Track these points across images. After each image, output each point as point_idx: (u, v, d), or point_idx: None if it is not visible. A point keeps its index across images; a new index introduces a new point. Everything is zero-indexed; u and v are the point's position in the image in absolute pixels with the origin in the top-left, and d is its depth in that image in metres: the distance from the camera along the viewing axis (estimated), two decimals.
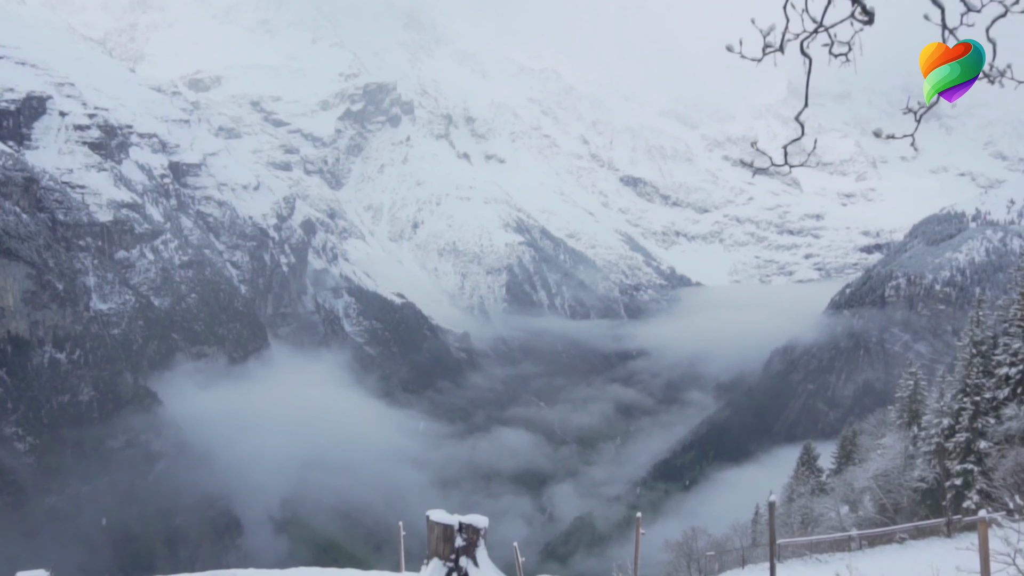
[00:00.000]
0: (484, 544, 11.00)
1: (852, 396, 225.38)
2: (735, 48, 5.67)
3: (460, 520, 10.87)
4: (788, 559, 28.84)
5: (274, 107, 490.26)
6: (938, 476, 38.67)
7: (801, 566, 26.17)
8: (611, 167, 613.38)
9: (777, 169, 6.61)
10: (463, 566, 10.66)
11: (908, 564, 20.69)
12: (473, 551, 10.80)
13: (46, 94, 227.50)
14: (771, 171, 6.42)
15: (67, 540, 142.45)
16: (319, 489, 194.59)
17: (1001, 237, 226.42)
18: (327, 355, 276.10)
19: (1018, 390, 37.12)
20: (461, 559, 10.70)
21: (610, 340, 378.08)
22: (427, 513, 11.10)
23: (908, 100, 5.86)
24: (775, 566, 21.26)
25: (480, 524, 10.89)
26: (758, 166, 6.69)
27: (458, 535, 10.78)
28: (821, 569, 22.67)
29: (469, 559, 10.73)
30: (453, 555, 10.73)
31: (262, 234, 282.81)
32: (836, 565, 22.79)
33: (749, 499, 72.84)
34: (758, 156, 6.65)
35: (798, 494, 56.30)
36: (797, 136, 6.26)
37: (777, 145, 6.55)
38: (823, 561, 25.97)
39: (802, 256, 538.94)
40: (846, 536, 30.57)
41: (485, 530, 10.96)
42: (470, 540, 10.80)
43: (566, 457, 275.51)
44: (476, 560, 10.75)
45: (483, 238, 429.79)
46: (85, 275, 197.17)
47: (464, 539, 10.78)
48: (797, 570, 25.41)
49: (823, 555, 28.25)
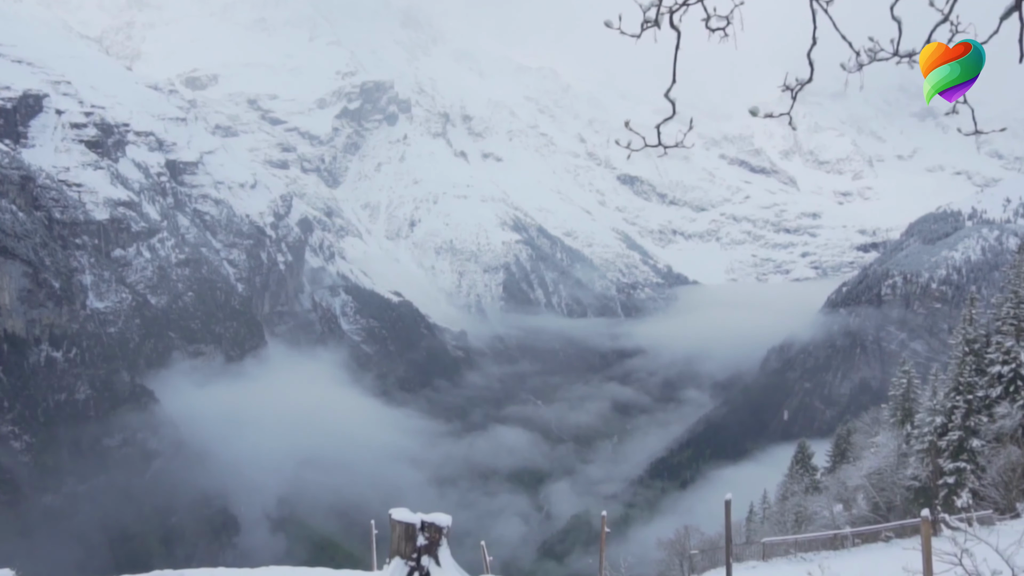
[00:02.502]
0: (447, 543, 10.79)
1: (848, 394, 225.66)
2: (613, 24, 5.66)
3: (423, 519, 10.66)
4: (773, 558, 28.96)
5: (271, 105, 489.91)
6: (931, 474, 38.82)
7: (786, 565, 26.31)
8: (608, 165, 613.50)
9: (652, 149, 6.67)
10: (425, 565, 10.53)
11: (887, 563, 20.78)
12: (435, 550, 10.62)
13: (42, 92, 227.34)
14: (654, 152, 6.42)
15: (63, 539, 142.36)
16: (316, 487, 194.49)
17: (997, 235, 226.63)
18: (324, 353, 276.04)
19: (1010, 388, 37.24)
20: (423, 558, 10.55)
21: (607, 338, 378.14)
22: (390, 511, 10.94)
23: (786, 77, 5.88)
24: (731, 566, 21.37)
25: (442, 523, 10.70)
26: (634, 147, 6.73)
27: (420, 534, 10.62)
28: (805, 568, 22.81)
29: (431, 558, 10.59)
30: (415, 554, 10.58)
31: (259, 232, 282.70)
32: (820, 563, 22.89)
33: (746, 497, 72.88)
34: (635, 137, 6.68)
35: (792, 492, 56.47)
36: (669, 115, 6.30)
37: (774, 143, 6.66)
38: (808, 560, 26.08)
39: (799, 255, 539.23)
40: (831, 535, 30.71)
41: (448, 528, 10.74)
42: (432, 539, 10.63)
43: (563, 455, 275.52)
44: (438, 559, 10.58)
45: (480, 236, 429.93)
46: (81, 273, 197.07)
47: (426, 538, 10.62)
48: (782, 569, 25.53)
49: (808, 553, 28.38)
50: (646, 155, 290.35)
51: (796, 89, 5.95)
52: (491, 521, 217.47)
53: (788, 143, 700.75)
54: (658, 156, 7.08)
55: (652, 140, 6.61)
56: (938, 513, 25.07)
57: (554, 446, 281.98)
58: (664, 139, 6.38)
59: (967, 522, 9.56)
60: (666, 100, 6.19)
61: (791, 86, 5.94)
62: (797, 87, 5.92)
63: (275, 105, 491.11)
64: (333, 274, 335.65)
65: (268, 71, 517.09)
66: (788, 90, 5.98)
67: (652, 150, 6.63)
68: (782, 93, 6.03)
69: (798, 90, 5.97)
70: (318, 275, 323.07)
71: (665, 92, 6.22)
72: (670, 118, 6.25)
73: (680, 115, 6.33)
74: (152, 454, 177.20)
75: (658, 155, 7.78)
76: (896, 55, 5.75)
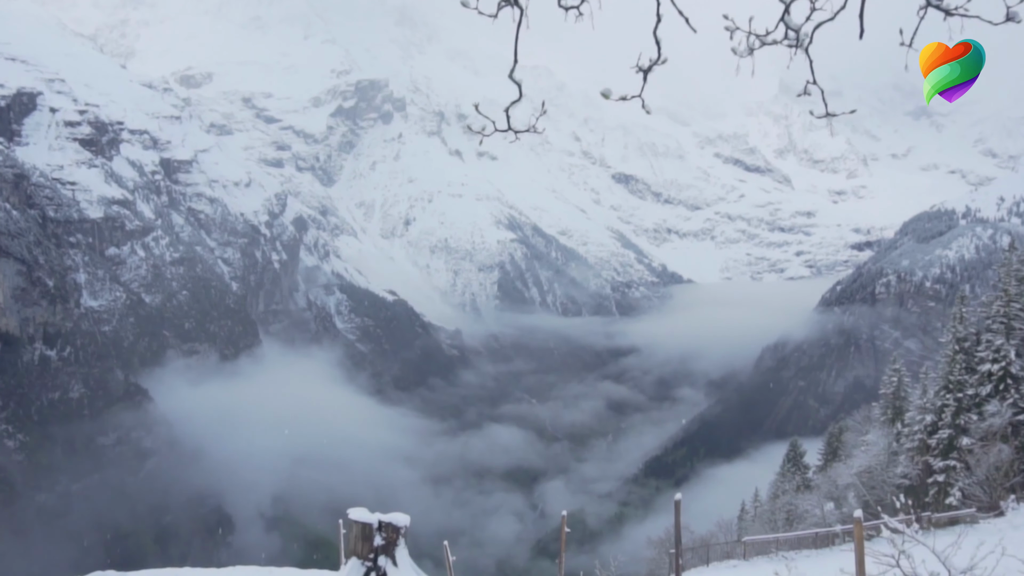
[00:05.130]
0: (405, 543, 10.65)
1: (843, 393, 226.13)
2: (471, 3, 5.72)
3: (380, 518, 10.46)
4: (754, 557, 29.10)
5: (266, 104, 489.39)
6: (921, 473, 39.02)
7: (766, 563, 26.42)
8: (603, 164, 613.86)
9: (504, 134, 6.78)
10: (381, 565, 10.39)
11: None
12: (392, 550, 10.46)
13: (36, 90, 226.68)
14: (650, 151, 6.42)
15: (57, 537, 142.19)
16: (310, 486, 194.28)
17: (991, 234, 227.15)
18: (318, 352, 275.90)
19: (1000, 387, 37.43)
20: (380, 558, 10.40)
21: (602, 337, 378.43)
22: (348, 511, 10.78)
23: (639, 57, 5.94)
24: (680, 567, 21.45)
25: (400, 523, 10.52)
26: (486, 132, 6.83)
27: (377, 534, 10.46)
28: (793, 566, 22.93)
29: (388, 558, 10.44)
30: (372, 554, 10.43)
31: (253, 231, 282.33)
32: (802, 562, 23.01)
33: (739, 496, 73.11)
34: (488, 122, 6.78)
35: (783, 491, 56.62)
36: (516, 98, 6.37)
37: (769, 142, 6.64)
38: (789, 559, 26.20)
39: (793, 253, 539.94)
40: (811, 533, 30.81)
41: (406, 529, 10.58)
42: (389, 539, 10.46)
43: (558, 454, 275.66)
44: (395, 559, 10.43)
45: (475, 235, 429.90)
46: (76, 272, 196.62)
47: (383, 538, 10.45)
48: (761, 567, 25.64)
49: (791, 552, 28.51)
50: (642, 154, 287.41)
51: (647, 69, 6.02)
52: (486, 520, 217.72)
53: (783, 142, 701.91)
54: (509, 142, 7.14)
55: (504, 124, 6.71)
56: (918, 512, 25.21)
57: (549, 445, 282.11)
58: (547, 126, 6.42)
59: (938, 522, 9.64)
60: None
61: (643, 67, 6.02)
62: (648, 66, 5.99)
63: (270, 103, 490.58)
64: (328, 273, 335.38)
65: (263, 69, 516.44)
66: (641, 71, 6.06)
67: (649, 151, 6.70)
68: (637, 74, 6.08)
69: (648, 70, 6.04)
70: (313, 274, 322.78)
71: (509, 73, 6.34)
72: (517, 101, 6.34)
73: (676, 114, 6.42)
74: (146, 453, 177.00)
75: (509, 141, 7.87)
76: (786, 39, 5.82)
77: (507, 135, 6.76)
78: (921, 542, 8.72)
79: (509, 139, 6.96)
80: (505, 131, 6.64)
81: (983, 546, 8.93)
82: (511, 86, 6.62)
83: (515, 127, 6.60)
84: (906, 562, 8.67)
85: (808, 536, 30.58)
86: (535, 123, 6.61)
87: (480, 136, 6.78)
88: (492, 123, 6.59)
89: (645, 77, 6.10)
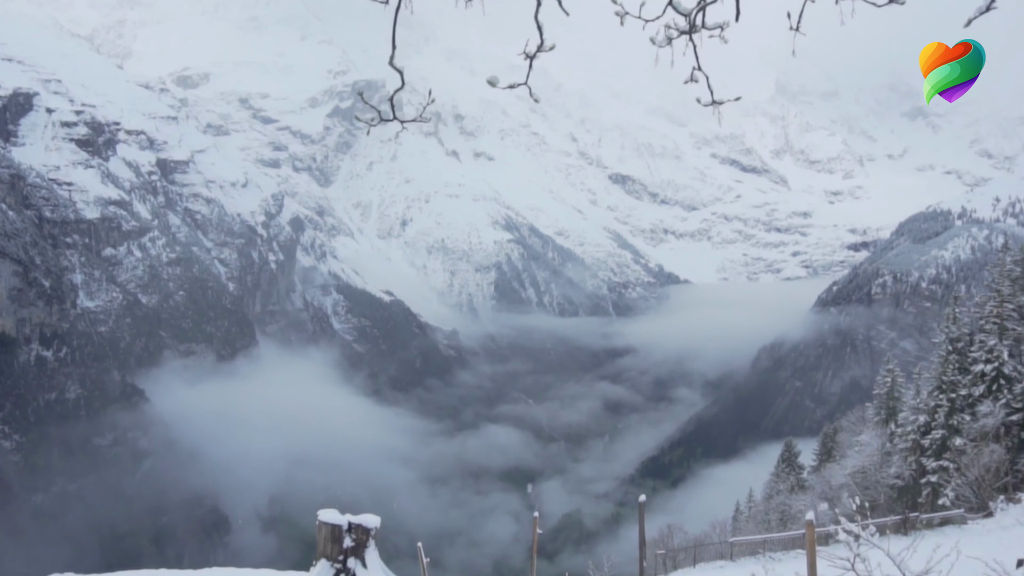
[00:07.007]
0: (374, 545, 10.66)
1: (839, 393, 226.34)
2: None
3: (350, 520, 10.52)
4: (740, 557, 29.21)
5: (262, 104, 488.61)
6: (914, 473, 39.16)
7: (753, 563, 26.55)
8: (599, 165, 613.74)
9: (386, 123, 6.89)
10: (351, 567, 10.41)
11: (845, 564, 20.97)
12: (362, 552, 10.50)
13: (33, 91, 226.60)
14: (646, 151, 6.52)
15: (54, 538, 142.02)
16: (307, 487, 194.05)
17: (987, 235, 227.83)
18: (315, 353, 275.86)
19: (993, 387, 37.55)
20: (349, 560, 10.42)
21: (598, 337, 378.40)
22: (318, 513, 10.77)
23: (526, 44, 6.05)
24: (644, 569, 21.56)
25: (370, 524, 10.59)
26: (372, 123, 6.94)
27: (347, 535, 10.49)
28: (772, 567, 23.06)
29: (357, 560, 10.47)
30: (341, 556, 10.43)
31: (250, 231, 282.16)
32: (790, 563, 23.12)
33: (735, 496, 73.22)
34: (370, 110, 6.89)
35: (777, 491, 56.76)
36: (399, 87, 6.47)
37: (765, 143, 6.70)
38: (776, 559, 26.32)
39: (789, 254, 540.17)
40: (801, 533, 30.89)
41: (376, 530, 10.64)
42: (359, 540, 10.49)
43: (554, 454, 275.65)
44: (365, 561, 10.48)
45: (472, 235, 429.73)
46: (72, 272, 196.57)
47: (353, 539, 10.48)
48: (747, 567, 25.75)
49: (778, 553, 28.62)
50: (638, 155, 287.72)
51: (532, 55, 6.14)
52: (482, 520, 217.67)
53: (779, 142, 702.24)
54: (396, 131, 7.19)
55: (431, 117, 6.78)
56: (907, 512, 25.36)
57: (545, 445, 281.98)
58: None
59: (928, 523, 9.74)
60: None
61: (529, 53, 6.13)
62: (534, 52, 6.10)
63: (266, 104, 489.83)
64: (324, 273, 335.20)
65: (259, 70, 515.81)
66: (527, 57, 6.18)
67: (645, 151, 6.81)
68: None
69: (533, 56, 6.15)
70: (309, 274, 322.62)
71: (389, 60, 6.43)
72: (400, 88, 6.48)
73: (672, 115, 6.53)
74: (143, 453, 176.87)
75: (396, 131, 7.98)
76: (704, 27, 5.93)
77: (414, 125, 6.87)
78: (876, 545, 8.78)
79: (397, 129, 7.08)
80: (391, 120, 6.77)
81: (939, 549, 9.01)
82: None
83: (509, 128, 6.68)
84: (861, 566, 8.73)
85: (799, 536, 30.67)
86: (422, 112, 6.73)
87: (367, 129, 6.89)
88: (378, 113, 6.72)
89: (531, 63, 6.21)
